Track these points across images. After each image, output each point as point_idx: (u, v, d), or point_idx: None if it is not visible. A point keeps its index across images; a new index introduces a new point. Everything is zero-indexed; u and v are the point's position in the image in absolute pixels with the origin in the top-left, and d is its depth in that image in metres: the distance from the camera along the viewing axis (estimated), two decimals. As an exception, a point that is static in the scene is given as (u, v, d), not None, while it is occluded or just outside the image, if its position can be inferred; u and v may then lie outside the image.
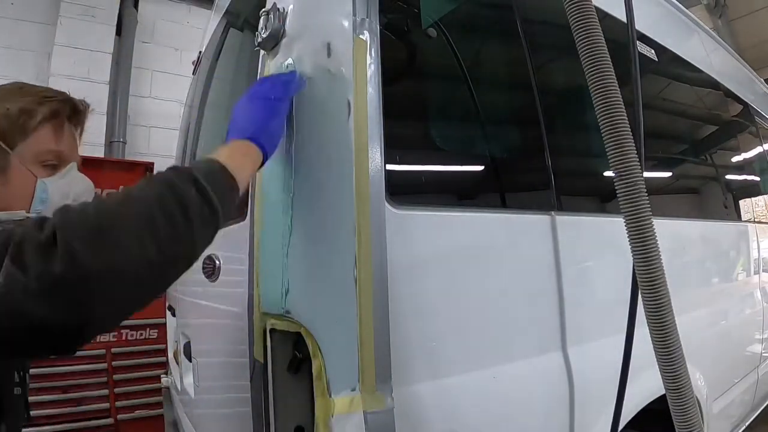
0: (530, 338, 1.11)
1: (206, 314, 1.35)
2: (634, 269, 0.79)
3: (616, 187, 0.76)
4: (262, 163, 0.78)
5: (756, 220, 2.49)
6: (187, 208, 0.57)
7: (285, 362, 0.84)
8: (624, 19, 1.04)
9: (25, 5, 4.12)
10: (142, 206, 0.55)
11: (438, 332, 0.95)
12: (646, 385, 1.26)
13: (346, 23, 0.91)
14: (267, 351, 0.86)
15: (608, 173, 0.78)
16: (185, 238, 0.57)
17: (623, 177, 0.75)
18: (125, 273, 0.51)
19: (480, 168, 1.25)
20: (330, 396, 0.79)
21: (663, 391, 0.79)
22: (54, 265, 0.49)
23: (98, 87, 4.20)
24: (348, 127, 0.87)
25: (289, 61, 0.90)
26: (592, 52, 0.75)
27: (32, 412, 0.89)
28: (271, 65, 0.94)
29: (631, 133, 0.75)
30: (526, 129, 1.32)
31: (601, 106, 0.75)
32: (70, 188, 0.87)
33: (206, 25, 2.10)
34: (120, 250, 0.51)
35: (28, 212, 0.82)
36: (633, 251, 0.75)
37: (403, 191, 0.97)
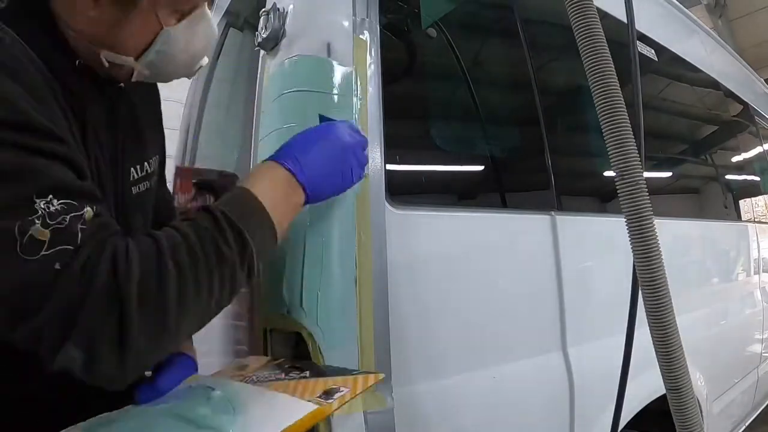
0: (530, 338, 1.11)
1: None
2: (634, 269, 0.79)
3: (617, 187, 0.76)
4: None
5: (756, 220, 2.49)
6: (220, 260, 0.57)
7: (285, 362, 0.84)
8: (624, 19, 1.05)
9: (24, 5, 4.12)
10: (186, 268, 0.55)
11: (438, 332, 0.95)
12: (646, 385, 1.26)
13: (346, 23, 0.91)
14: (267, 351, 0.86)
15: (608, 173, 0.79)
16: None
17: (624, 176, 0.75)
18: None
19: (480, 168, 1.25)
20: (330, 396, 0.79)
21: (663, 391, 0.79)
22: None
23: (98, 87, 4.20)
24: (348, 126, 0.87)
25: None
26: (593, 52, 0.75)
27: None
28: (271, 65, 0.94)
29: (632, 133, 0.75)
30: (526, 129, 1.32)
31: (602, 105, 0.75)
32: (191, 42, 0.71)
33: (206, 25, 2.09)
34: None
35: (137, 59, 0.67)
36: (634, 251, 0.75)
37: (403, 191, 0.97)
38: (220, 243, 0.57)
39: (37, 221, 0.48)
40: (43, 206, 0.49)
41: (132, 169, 0.77)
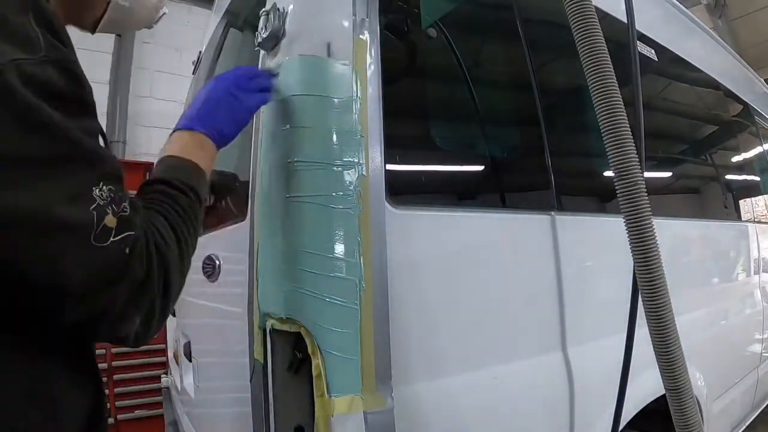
0: (530, 338, 1.11)
1: (206, 314, 1.35)
2: (634, 269, 0.79)
3: (616, 187, 0.76)
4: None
5: (756, 220, 2.49)
6: (197, 220, 0.70)
7: (285, 362, 0.84)
8: (624, 19, 1.05)
9: (25, 5, 4.12)
10: (187, 237, 0.66)
11: (438, 332, 0.95)
12: (646, 385, 1.26)
13: (346, 23, 0.91)
14: (267, 351, 0.86)
15: (608, 173, 0.79)
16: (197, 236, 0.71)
17: (623, 177, 0.75)
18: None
19: (480, 168, 1.25)
20: (330, 396, 0.80)
21: (663, 391, 0.79)
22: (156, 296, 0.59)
23: (98, 87, 4.19)
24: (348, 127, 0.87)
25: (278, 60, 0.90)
26: (592, 52, 0.75)
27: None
28: (270, 65, 0.94)
29: (631, 133, 0.75)
30: (526, 129, 1.32)
31: (601, 106, 0.75)
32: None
33: (206, 25, 2.10)
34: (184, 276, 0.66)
35: (94, 31, 0.77)
36: (633, 251, 0.75)
37: (403, 191, 0.97)
38: (194, 206, 0.69)
39: (108, 210, 0.52)
40: (98, 193, 0.52)
41: None
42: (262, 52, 0.98)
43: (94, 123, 0.56)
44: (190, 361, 1.47)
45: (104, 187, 0.52)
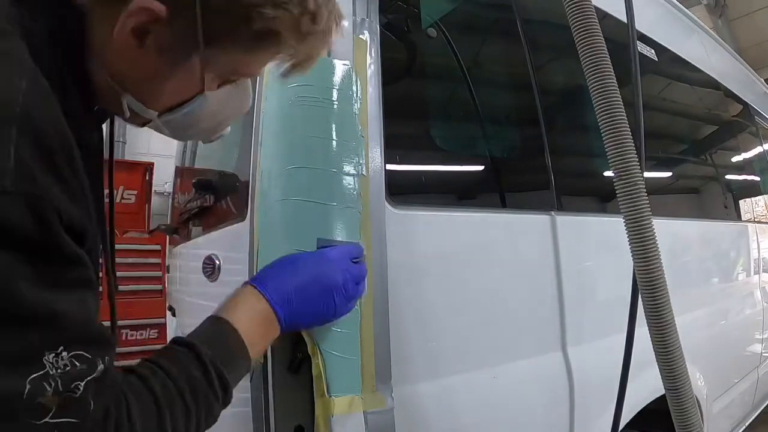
0: (530, 338, 1.11)
1: (206, 314, 1.35)
2: (634, 269, 0.79)
3: (615, 188, 0.76)
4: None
5: (756, 220, 2.49)
6: (210, 416, 0.58)
7: (285, 362, 0.84)
8: (624, 19, 1.05)
9: (25, 5, 4.11)
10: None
11: (438, 332, 0.95)
12: (646, 385, 1.26)
13: (346, 23, 0.91)
14: (267, 351, 0.86)
15: (608, 173, 0.79)
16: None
17: (623, 177, 0.75)
18: None
19: (480, 168, 1.25)
20: (330, 396, 0.79)
21: (663, 391, 0.79)
22: None
23: (98, 87, 4.19)
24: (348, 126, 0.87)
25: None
26: (591, 52, 0.75)
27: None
28: (270, 64, 0.94)
29: (630, 133, 0.75)
30: (526, 129, 1.32)
31: (600, 106, 0.75)
32: (223, 110, 0.65)
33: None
34: None
35: (160, 116, 0.61)
36: (632, 251, 0.75)
37: (403, 191, 0.97)
38: (210, 397, 0.57)
39: (48, 387, 0.41)
40: (52, 360, 0.42)
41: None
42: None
43: (67, 272, 0.45)
44: (190, 361, 1.47)
45: (64, 353, 0.42)
